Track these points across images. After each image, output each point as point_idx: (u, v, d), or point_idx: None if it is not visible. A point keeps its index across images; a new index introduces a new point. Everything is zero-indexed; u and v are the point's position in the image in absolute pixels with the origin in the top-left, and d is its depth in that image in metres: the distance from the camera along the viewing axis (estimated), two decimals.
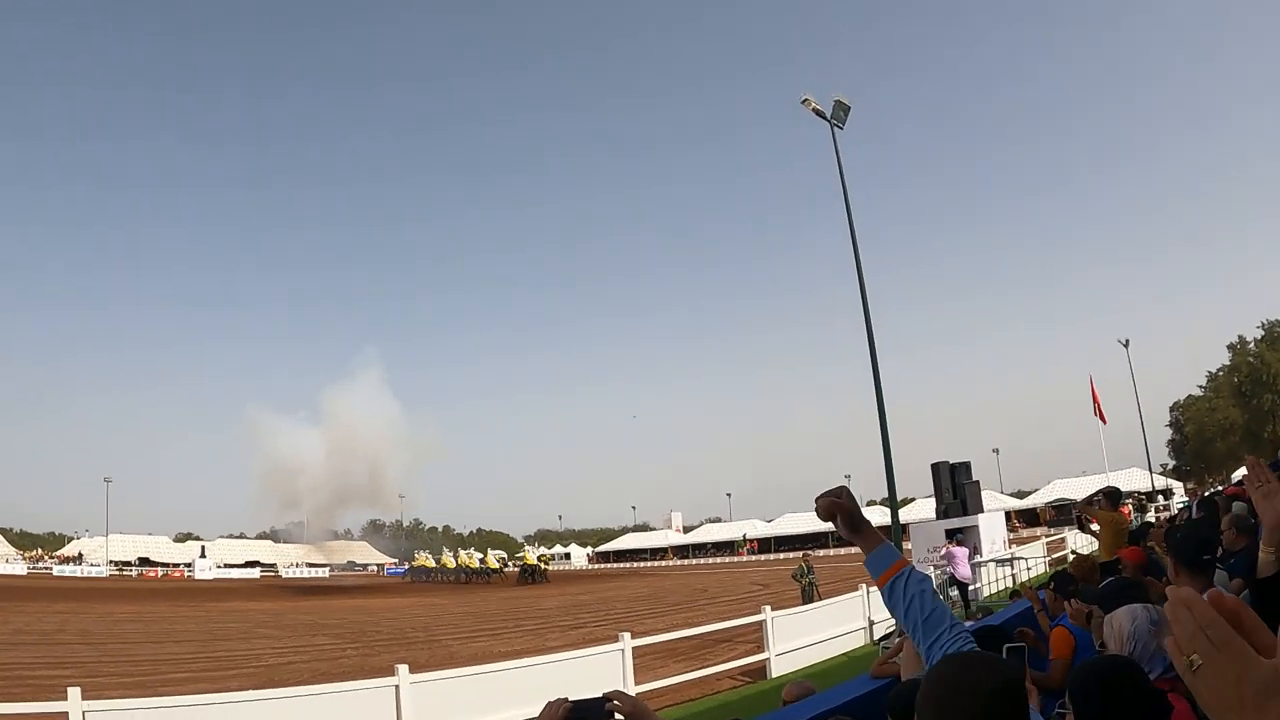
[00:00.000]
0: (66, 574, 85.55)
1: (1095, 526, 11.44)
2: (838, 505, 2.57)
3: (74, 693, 8.79)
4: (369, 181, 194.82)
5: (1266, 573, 2.75)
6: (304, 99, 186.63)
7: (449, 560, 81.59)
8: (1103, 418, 38.28)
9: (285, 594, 57.10)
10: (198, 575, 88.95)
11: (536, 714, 2.60)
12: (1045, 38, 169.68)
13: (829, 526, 2.66)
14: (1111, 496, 11.30)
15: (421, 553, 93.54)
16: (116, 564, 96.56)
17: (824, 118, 25.47)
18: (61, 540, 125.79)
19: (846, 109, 25.73)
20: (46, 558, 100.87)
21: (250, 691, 11.37)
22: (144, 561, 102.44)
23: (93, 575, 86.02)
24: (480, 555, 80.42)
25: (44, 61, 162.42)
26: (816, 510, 2.62)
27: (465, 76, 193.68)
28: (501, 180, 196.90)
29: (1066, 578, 6.74)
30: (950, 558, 22.51)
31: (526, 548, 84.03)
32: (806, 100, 25.56)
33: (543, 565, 71.97)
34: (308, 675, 17.42)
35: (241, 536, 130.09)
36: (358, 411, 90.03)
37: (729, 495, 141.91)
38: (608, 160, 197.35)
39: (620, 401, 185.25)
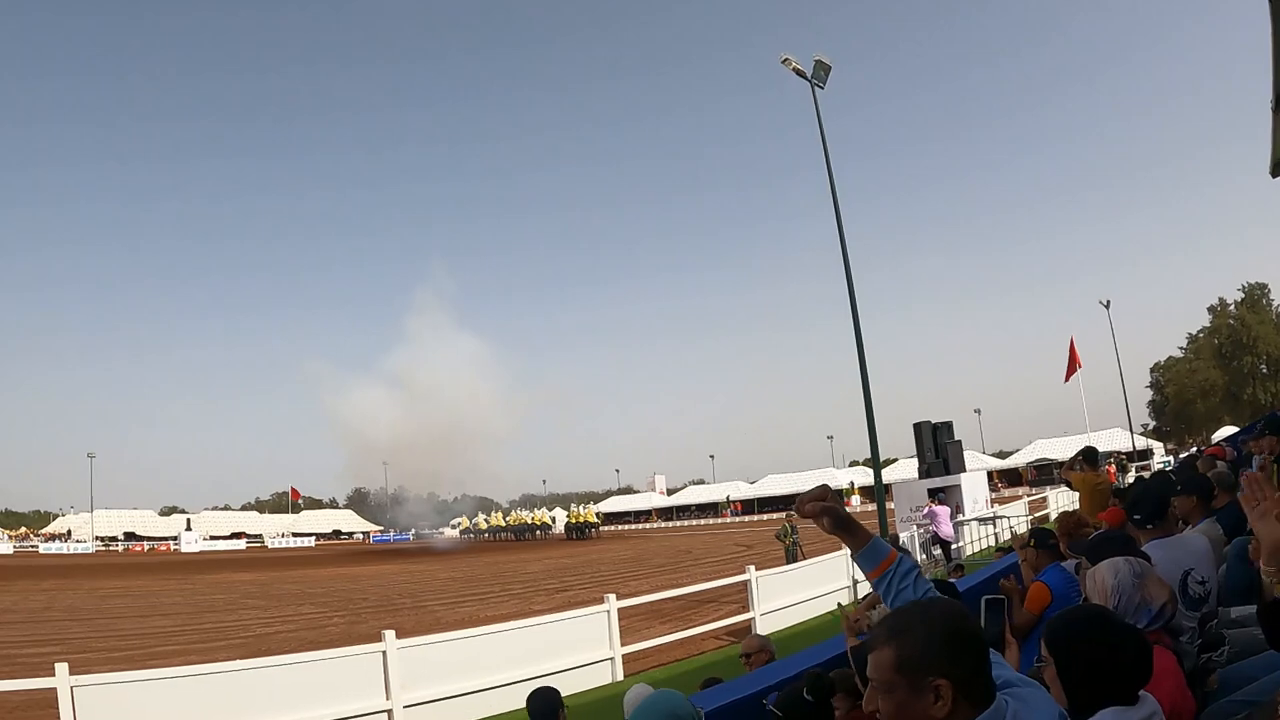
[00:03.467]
0: (53, 551, 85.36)
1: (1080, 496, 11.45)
2: (827, 509, 2.64)
3: (62, 668, 8.83)
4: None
5: (1273, 595, 2.74)
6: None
7: (497, 519, 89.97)
8: (1066, 378, 38.30)
9: (271, 564, 57.05)
10: (184, 548, 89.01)
11: (522, 676, 2.65)
12: (1030, 7, 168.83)
13: (811, 486, 2.70)
14: (1090, 458, 11.30)
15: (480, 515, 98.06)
16: (102, 539, 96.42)
17: (804, 77, 25.33)
18: (46, 518, 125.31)
19: (827, 69, 25.58)
20: (32, 535, 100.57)
21: (238, 661, 11.40)
22: (130, 536, 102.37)
23: (79, 552, 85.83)
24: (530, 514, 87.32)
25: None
26: (798, 511, 2.67)
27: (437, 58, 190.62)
28: (483, 149, 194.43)
29: (1046, 533, 6.80)
30: (933, 516, 22.73)
31: (578, 507, 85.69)
32: (787, 60, 25.41)
33: (592, 521, 76.59)
34: (295, 644, 17.47)
35: (226, 508, 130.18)
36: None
37: (712, 457, 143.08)
38: (589, 128, 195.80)
39: (603, 366, 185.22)
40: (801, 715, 3.54)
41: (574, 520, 76.16)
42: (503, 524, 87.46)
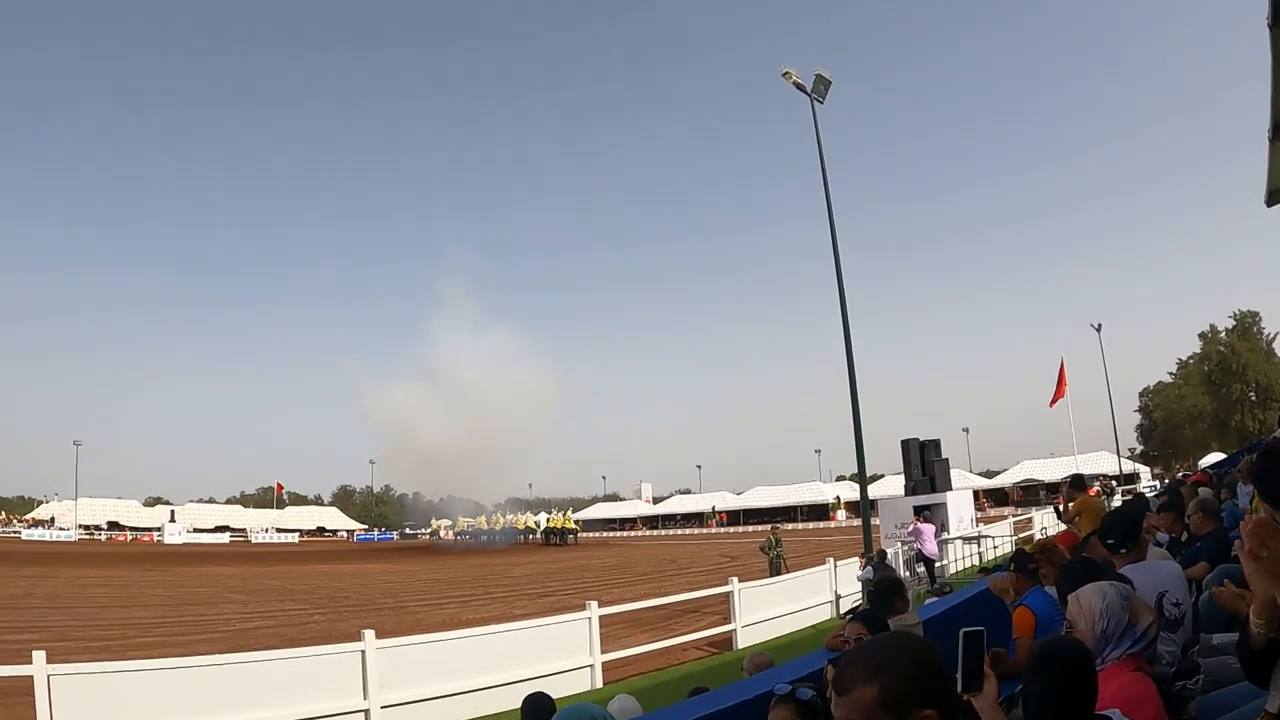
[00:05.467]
0: (36, 538, 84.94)
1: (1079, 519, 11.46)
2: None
3: (39, 656, 8.79)
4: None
5: (1259, 644, 2.71)
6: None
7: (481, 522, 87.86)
8: (1052, 402, 38.40)
9: (254, 559, 56.91)
10: (167, 540, 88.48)
11: (501, 681, 2.64)
12: (1024, 24, 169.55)
13: (797, 500, 2.70)
14: (1077, 484, 11.36)
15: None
16: (86, 528, 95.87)
17: (804, 91, 25.38)
18: (30, 504, 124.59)
19: (827, 83, 25.64)
20: (15, 521, 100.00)
21: (217, 656, 11.38)
22: (113, 525, 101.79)
23: (62, 539, 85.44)
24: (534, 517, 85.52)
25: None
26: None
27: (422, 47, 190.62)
28: (477, 148, 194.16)
29: (1026, 556, 6.82)
30: (917, 534, 22.76)
31: (556, 512, 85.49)
32: (787, 73, 25.46)
33: (570, 527, 76.13)
34: (275, 640, 17.40)
35: (211, 501, 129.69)
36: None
37: (699, 467, 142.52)
38: (580, 136, 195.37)
39: (590, 372, 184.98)
40: None
41: (552, 525, 76.35)
42: (485, 526, 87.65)
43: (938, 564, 23.53)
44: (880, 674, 1.95)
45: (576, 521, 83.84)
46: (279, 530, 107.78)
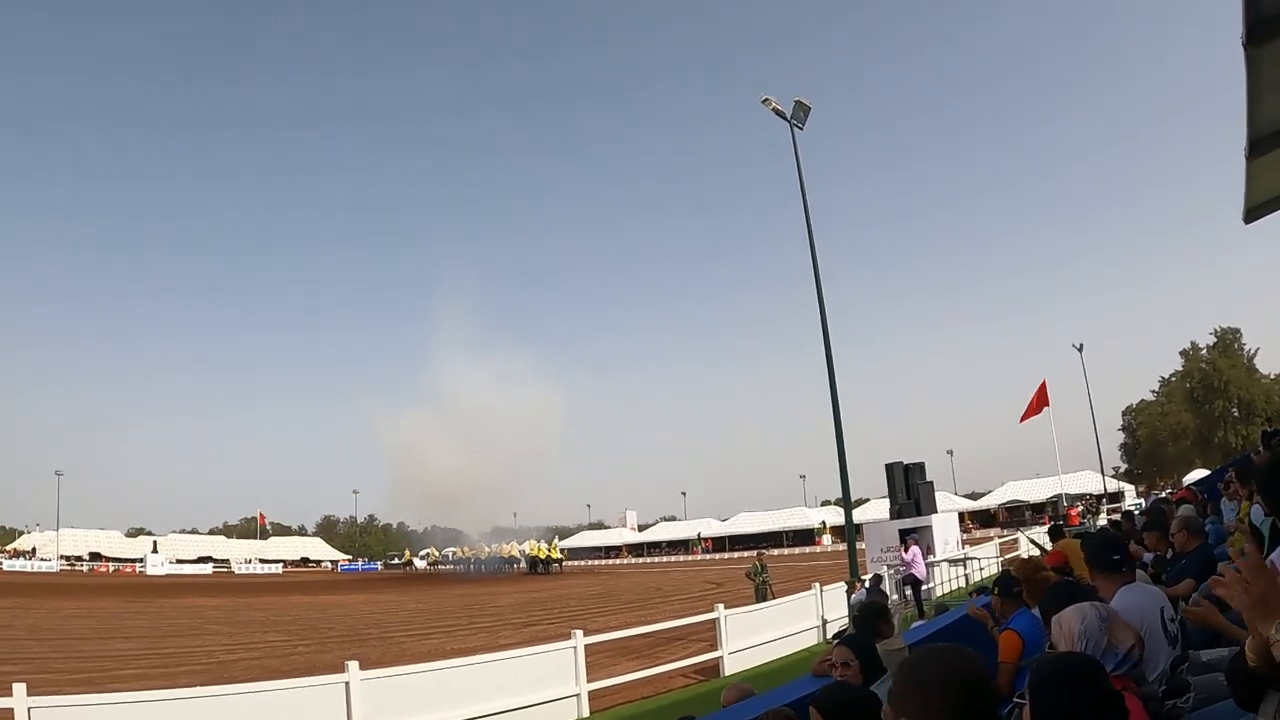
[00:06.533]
0: (17, 569, 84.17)
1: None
2: None
3: (19, 689, 8.72)
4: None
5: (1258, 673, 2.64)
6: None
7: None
8: (1023, 418, 38.28)
9: (238, 590, 56.49)
10: (149, 571, 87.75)
11: (486, 711, 2.65)
12: (1002, 38, 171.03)
13: (783, 525, 2.70)
14: (1055, 534, 11.47)
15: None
16: (67, 559, 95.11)
17: (784, 118, 25.58)
18: (11, 534, 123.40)
19: (807, 110, 25.85)
20: None
21: (200, 688, 11.30)
22: (95, 556, 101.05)
23: (43, 570, 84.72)
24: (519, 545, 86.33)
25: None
26: None
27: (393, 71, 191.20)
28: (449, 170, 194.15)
29: (1010, 580, 6.85)
30: (912, 557, 22.78)
31: (539, 542, 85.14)
32: (767, 100, 25.67)
33: (555, 556, 77.24)
34: (258, 672, 17.28)
35: (194, 532, 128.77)
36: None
37: (684, 494, 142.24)
38: (556, 157, 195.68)
39: (575, 400, 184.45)
40: None
41: (533, 554, 76.39)
42: (466, 554, 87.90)
43: (924, 586, 23.55)
44: (905, 708, 1.97)
45: (562, 550, 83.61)
46: (262, 561, 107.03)
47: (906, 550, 23.10)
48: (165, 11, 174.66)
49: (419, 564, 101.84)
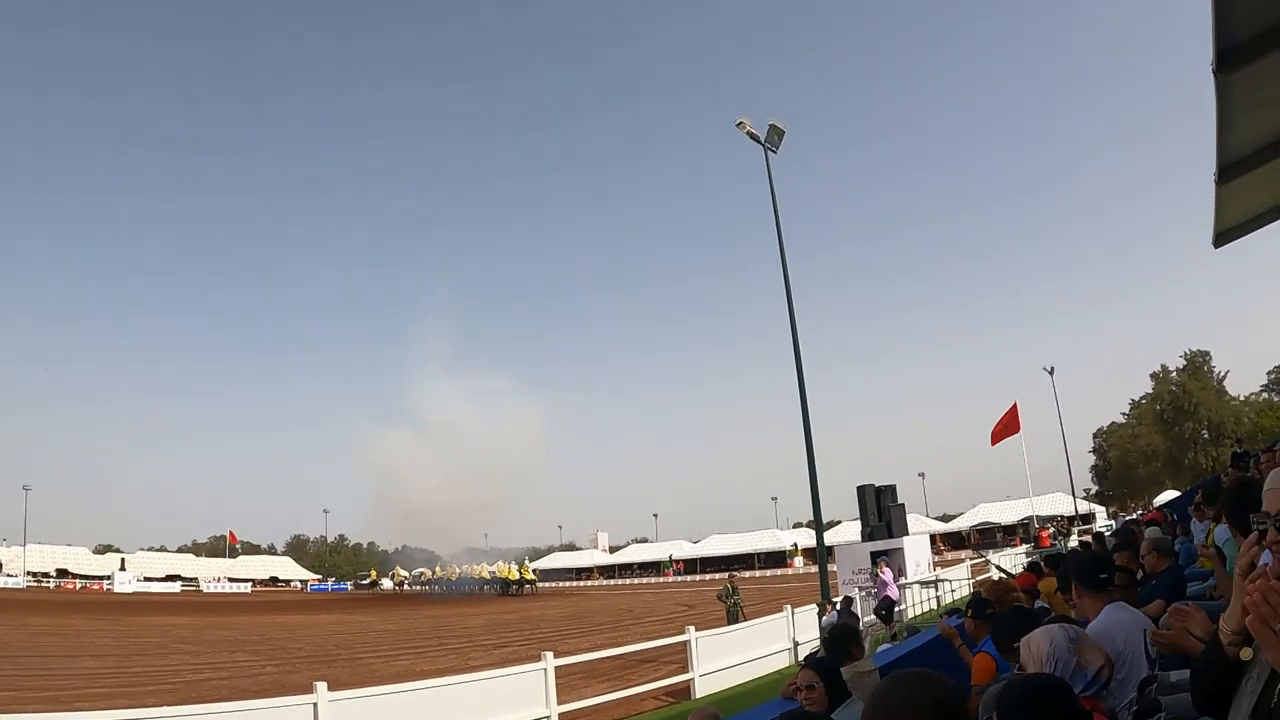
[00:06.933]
0: None
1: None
2: None
3: None
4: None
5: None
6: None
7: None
8: (993, 440, 38.44)
9: (206, 609, 55.91)
10: (117, 588, 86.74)
11: None
12: (971, 57, 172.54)
13: (754, 547, 2.73)
14: (1033, 569, 11.53)
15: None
16: (34, 575, 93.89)
17: (758, 141, 25.81)
18: None
19: (781, 133, 26.08)
20: None
21: (167, 708, 11.21)
22: (62, 573, 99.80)
23: (9, 586, 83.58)
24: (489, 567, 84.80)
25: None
26: None
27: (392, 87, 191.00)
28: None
29: (983, 601, 6.91)
30: (882, 582, 22.87)
31: (509, 563, 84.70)
32: (741, 123, 25.89)
33: (528, 578, 76.66)
34: (226, 692, 17.18)
35: (162, 549, 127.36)
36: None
37: (655, 516, 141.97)
38: (539, 178, 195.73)
39: (545, 421, 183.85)
40: None
41: (504, 575, 76.25)
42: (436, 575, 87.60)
43: (897, 608, 23.65)
44: None
45: (535, 571, 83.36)
46: (231, 580, 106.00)
47: (883, 571, 23.19)
48: (135, 34, 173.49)
49: (386, 584, 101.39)
